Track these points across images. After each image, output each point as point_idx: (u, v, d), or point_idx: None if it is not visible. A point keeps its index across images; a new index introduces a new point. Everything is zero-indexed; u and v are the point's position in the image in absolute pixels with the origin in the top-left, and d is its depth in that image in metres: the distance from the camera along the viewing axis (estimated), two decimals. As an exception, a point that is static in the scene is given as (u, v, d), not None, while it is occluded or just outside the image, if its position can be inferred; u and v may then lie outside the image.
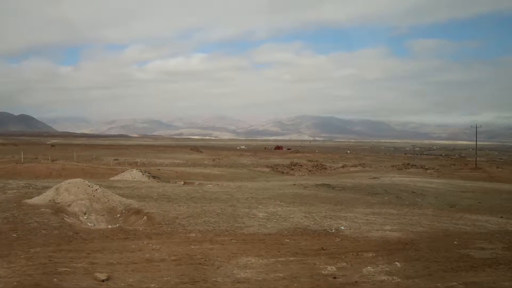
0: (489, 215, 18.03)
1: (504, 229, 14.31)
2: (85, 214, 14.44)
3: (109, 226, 13.40)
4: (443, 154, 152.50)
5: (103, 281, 7.57)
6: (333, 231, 12.78)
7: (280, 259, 9.53)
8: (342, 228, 13.17)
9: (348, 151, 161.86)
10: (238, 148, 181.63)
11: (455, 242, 11.64)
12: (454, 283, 8.17)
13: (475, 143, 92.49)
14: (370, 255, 10.08)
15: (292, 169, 64.16)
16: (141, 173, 32.96)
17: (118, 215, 14.84)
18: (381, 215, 16.14)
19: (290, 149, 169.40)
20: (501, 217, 17.34)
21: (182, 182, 32.35)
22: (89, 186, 15.87)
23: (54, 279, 7.46)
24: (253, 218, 14.28)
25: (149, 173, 33.97)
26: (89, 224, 13.60)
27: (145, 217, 13.92)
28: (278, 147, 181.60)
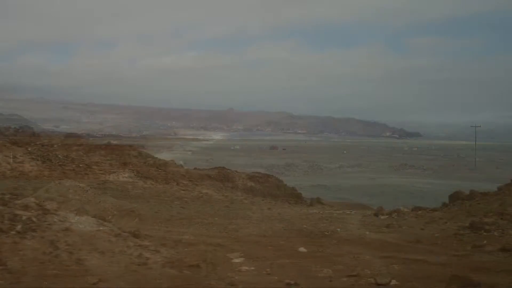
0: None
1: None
2: (75, 215, 14.19)
3: (100, 228, 13.15)
4: (441, 154, 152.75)
5: (94, 284, 7.37)
6: (329, 233, 12.61)
7: (275, 261, 9.35)
8: (339, 230, 13.01)
9: (345, 151, 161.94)
10: (232, 148, 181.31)
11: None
12: (453, 286, 8.00)
13: (474, 143, 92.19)
14: (368, 257, 9.92)
15: (288, 170, 64.06)
16: (133, 173, 32.68)
17: (109, 217, 14.61)
18: (378, 217, 16.00)
19: (285, 149, 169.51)
20: (501, 218, 17.20)
21: (176, 183, 32.09)
22: (79, 187, 15.63)
23: (45, 282, 7.24)
24: (247, 219, 14.11)
25: (142, 174, 33.66)
26: (79, 226, 13.35)
27: (137, 219, 13.71)
28: (273, 147, 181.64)
